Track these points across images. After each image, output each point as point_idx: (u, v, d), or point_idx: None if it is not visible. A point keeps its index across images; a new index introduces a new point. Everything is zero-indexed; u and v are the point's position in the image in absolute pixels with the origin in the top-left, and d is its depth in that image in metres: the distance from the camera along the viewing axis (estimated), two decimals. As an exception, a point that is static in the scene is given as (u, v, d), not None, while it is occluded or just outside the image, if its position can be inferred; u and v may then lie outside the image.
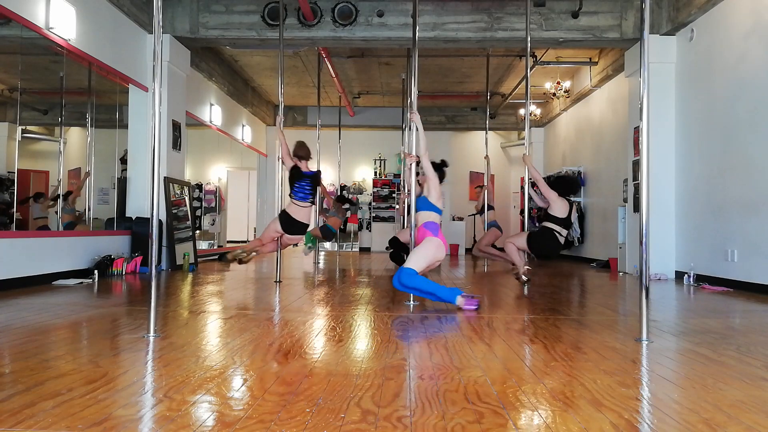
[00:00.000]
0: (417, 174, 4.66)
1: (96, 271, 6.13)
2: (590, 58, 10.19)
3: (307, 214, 5.99)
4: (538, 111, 13.65)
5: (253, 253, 5.97)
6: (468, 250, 14.26)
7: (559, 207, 5.64)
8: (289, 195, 5.92)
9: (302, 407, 1.88)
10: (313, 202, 6.06)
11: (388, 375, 2.31)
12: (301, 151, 6.03)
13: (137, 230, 7.31)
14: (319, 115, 10.73)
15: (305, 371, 2.36)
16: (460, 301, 4.16)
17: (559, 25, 7.64)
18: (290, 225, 5.86)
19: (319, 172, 6.24)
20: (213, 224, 13.24)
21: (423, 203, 4.48)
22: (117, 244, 7.04)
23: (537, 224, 12.50)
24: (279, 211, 6.07)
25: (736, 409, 1.92)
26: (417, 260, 4.23)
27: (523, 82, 7.28)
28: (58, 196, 6.75)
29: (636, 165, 7.81)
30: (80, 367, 2.37)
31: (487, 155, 8.97)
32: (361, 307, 4.34)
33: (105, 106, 7.65)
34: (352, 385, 2.16)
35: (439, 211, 4.44)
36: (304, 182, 5.90)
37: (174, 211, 8.06)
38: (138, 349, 2.77)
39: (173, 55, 7.84)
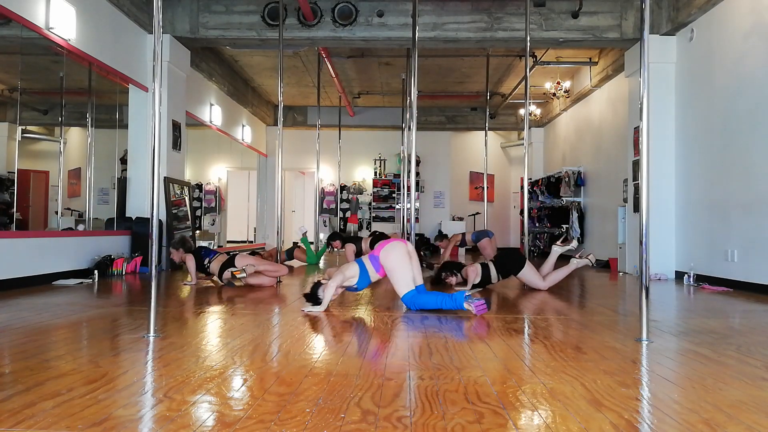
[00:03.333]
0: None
1: (96, 271, 6.13)
2: (590, 58, 10.19)
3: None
4: (538, 111, 13.66)
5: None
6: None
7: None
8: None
9: (302, 407, 1.88)
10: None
11: (388, 375, 2.31)
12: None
13: (137, 230, 7.30)
14: (319, 115, 10.74)
15: (305, 371, 2.36)
16: (468, 306, 3.96)
17: (559, 25, 7.65)
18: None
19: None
20: (213, 224, 13.24)
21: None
22: (117, 244, 7.04)
23: (537, 224, 12.56)
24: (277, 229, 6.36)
25: (736, 409, 1.92)
26: (399, 285, 4.16)
27: (523, 82, 7.28)
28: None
29: (636, 165, 7.81)
30: (80, 367, 2.37)
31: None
32: (361, 307, 4.34)
33: (105, 106, 7.65)
34: (352, 385, 2.16)
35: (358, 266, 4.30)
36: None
37: (174, 211, 8.06)
38: (138, 349, 2.77)
39: (173, 55, 7.84)
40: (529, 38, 6.46)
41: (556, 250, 5.87)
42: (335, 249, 7.96)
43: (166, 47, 7.66)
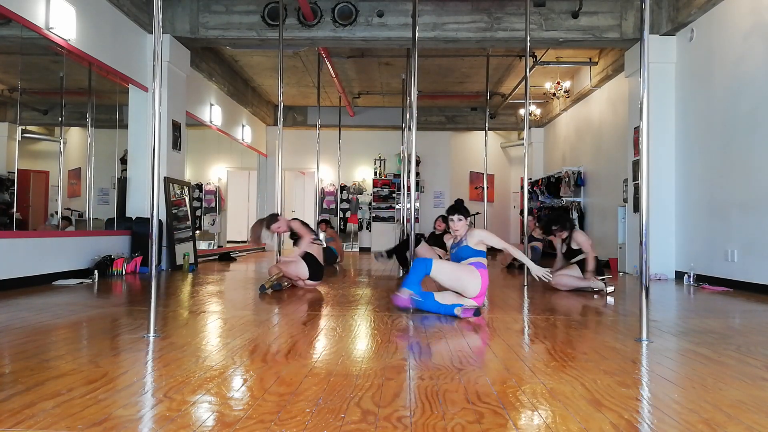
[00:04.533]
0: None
1: (96, 271, 6.13)
2: (590, 58, 10.19)
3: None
4: (538, 111, 13.66)
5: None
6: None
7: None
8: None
9: (302, 407, 1.88)
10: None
11: (388, 375, 2.31)
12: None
13: (137, 230, 7.30)
14: (319, 115, 10.73)
15: (305, 371, 2.36)
16: (457, 312, 3.89)
17: (559, 25, 7.65)
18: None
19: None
20: (213, 224, 13.25)
21: (464, 250, 4.18)
22: (117, 244, 7.04)
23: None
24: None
25: (736, 409, 1.92)
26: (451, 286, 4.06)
27: (523, 82, 7.28)
28: None
29: (636, 165, 7.81)
30: (80, 367, 2.36)
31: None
32: (361, 307, 4.34)
33: (105, 106, 7.65)
34: (352, 385, 2.16)
35: (483, 255, 4.19)
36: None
37: (174, 211, 8.06)
38: (138, 349, 2.77)
39: (173, 55, 7.84)
40: (529, 38, 6.45)
41: (591, 283, 5.58)
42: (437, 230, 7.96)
43: (166, 47, 7.66)
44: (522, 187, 6.58)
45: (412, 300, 4.04)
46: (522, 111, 13.17)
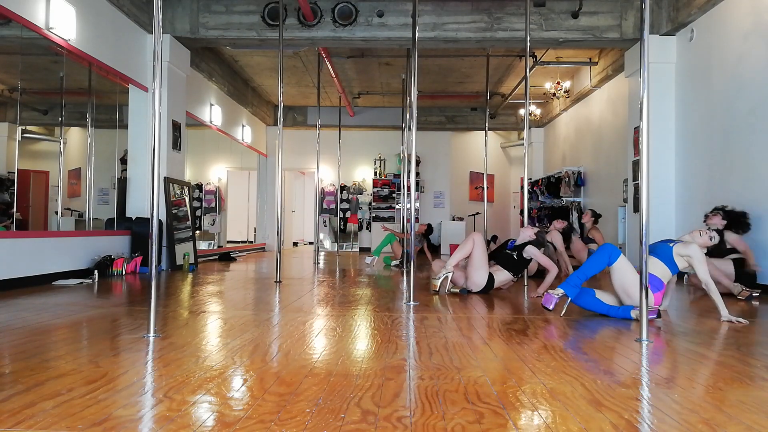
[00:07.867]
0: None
1: (96, 271, 6.13)
2: (590, 58, 10.19)
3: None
4: (538, 111, 13.66)
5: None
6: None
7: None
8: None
9: (302, 407, 1.88)
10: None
11: (388, 375, 2.31)
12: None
13: (137, 230, 7.30)
14: (319, 115, 10.73)
15: (305, 371, 2.36)
16: (634, 314, 3.72)
17: (559, 25, 7.65)
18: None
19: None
20: (213, 224, 13.25)
21: (665, 250, 4.00)
22: (117, 244, 7.04)
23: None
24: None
25: (736, 409, 1.92)
26: (627, 290, 3.87)
27: (523, 82, 7.28)
28: None
29: (636, 165, 7.81)
30: (80, 367, 2.36)
31: None
32: (361, 307, 4.34)
33: (105, 106, 7.65)
34: (352, 385, 2.16)
35: (673, 270, 3.99)
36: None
37: (174, 211, 8.06)
38: (138, 349, 2.77)
39: (173, 55, 7.84)
40: (529, 38, 6.46)
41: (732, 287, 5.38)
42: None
43: (166, 47, 7.66)
44: (522, 187, 6.58)
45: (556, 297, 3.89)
46: (522, 111, 13.18)
